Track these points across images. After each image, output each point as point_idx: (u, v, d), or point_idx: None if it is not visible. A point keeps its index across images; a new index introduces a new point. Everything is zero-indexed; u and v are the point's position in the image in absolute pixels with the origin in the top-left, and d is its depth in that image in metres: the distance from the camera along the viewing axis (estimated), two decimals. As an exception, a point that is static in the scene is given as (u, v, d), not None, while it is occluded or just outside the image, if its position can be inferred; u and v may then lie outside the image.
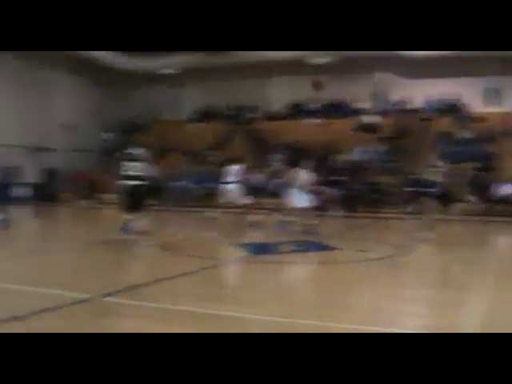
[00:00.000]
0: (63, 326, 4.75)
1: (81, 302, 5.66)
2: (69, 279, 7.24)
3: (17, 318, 4.80)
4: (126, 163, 11.57)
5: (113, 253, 9.81)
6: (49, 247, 11.02)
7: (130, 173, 11.51)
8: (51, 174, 28.20)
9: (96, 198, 26.23)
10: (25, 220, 19.14)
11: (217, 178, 15.62)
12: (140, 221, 11.51)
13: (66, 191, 27.73)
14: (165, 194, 24.00)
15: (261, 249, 10.64)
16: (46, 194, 26.45)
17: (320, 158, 22.32)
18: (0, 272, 7.71)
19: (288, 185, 13.64)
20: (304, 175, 13.19)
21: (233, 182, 14.30)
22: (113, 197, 24.07)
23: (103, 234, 12.72)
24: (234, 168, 14.40)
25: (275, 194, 17.97)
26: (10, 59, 26.68)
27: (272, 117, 30.83)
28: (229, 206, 15.03)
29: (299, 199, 12.98)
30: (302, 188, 13.03)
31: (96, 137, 30.74)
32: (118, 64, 31.43)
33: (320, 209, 16.21)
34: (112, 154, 30.16)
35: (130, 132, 30.31)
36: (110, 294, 5.99)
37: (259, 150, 27.78)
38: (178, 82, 32.69)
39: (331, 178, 22.05)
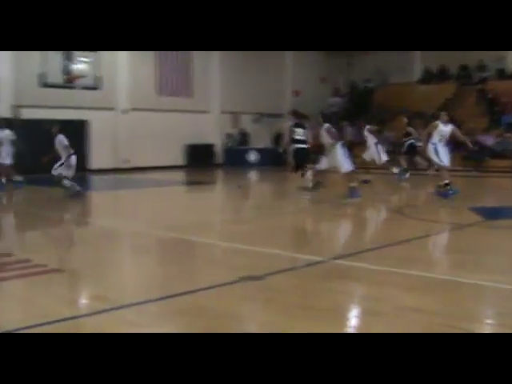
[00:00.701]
0: (298, 284, 5.32)
1: (315, 263, 6.19)
2: (303, 242, 7.87)
3: (253, 278, 5.43)
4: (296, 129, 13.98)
5: (343, 217, 10.30)
6: (279, 210, 11.79)
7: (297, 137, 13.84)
8: (280, 140, 29.47)
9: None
10: (257, 183, 20.47)
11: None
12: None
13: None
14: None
15: (494, 213, 10.29)
16: (275, 159, 27.74)
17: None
18: (238, 234, 8.54)
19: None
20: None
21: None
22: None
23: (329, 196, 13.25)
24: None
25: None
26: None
27: (507, 76, 29.08)
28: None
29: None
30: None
31: (323, 102, 31.39)
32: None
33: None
34: (339, 120, 30.78)
35: (359, 97, 30.54)
36: (341, 257, 6.44)
37: (491, 110, 26.53)
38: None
39: None
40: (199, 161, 26.47)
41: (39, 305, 4.69)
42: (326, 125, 12.81)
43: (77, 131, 23.10)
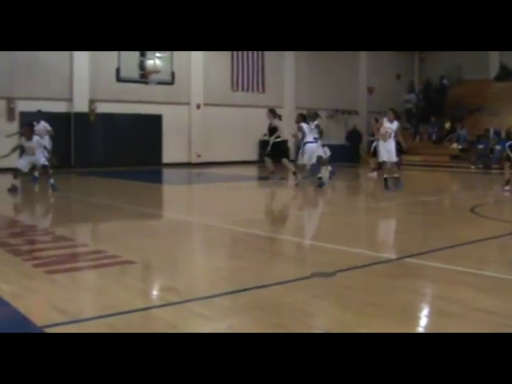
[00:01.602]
0: (369, 281, 5.24)
1: (386, 261, 6.08)
2: (374, 240, 7.76)
3: (324, 274, 5.38)
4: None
5: (415, 215, 10.12)
6: (352, 206, 11.70)
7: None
8: (354, 136, 29.20)
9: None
10: (330, 180, 20.31)
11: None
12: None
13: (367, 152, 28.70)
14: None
15: None
16: (349, 155, 27.52)
17: None
18: (310, 229, 8.51)
19: None
20: None
21: None
22: (417, 159, 24.42)
23: (405, 196, 13.05)
24: None
25: None
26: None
27: None
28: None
29: None
30: None
31: (398, 99, 30.90)
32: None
33: None
34: (413, 116, 30.22)
35: (436, 92, 29.94)
36: (412, 255, 6.31)
37: None
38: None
39: None
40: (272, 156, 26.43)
41: (111, 295, 4.77)
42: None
43: (151, 125, 23.58)
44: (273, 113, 15.93)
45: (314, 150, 14.65)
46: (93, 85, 22.04)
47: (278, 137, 15.60)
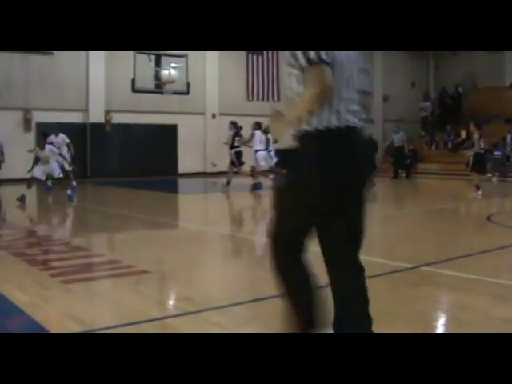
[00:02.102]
0: (385, 290, 5.21)
1: (402, 270, 6.05)
2: (390, 248, 7.72)
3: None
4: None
5: (431, 223, 10.06)
6: (371, 214, 11.64)
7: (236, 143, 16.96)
8: (370, 145, 29.13)
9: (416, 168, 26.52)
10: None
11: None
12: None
13: (384, 161, 28.62)
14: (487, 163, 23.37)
15: None
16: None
17: None
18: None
19: None
20: None
21: None
22: (432, 167, 24.31)
23: (426, 204, 13.01)
24: None
25: None
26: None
27: None
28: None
29: None
30: None
31: (414, 107, 30.80)
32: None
33: None
34: (429, 124, 30.10)
35: (451, 100, 29.84)
36: (429, 264, 6.26)
37: None
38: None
39: None
40: (289, 165, 26.46)
41: (127, 305, 4.77)
42: None
43: (166, 135, 23.67)
44: (233, 124, 17.50)
45: (262, 157, 16.19)
46: (108, 95, 22.19)
47: (237, 146, 17.08)
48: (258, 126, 16.59)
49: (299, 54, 2.91)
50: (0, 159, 18.68)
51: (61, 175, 13.41)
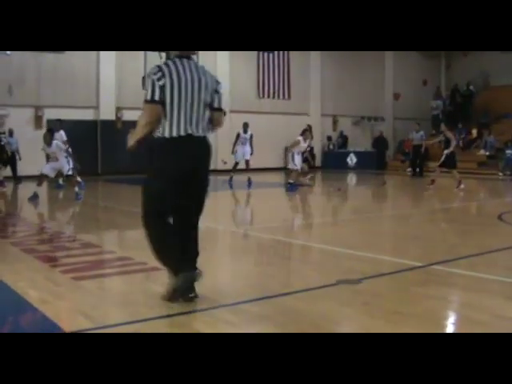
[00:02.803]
0: (395, 289, 5.21)
1: (413, 268, 6.03)
2: (400, 246, 7.71)
3: (350, 282, 5.36)
4: None
5: (442, 222, 10.03)
6: (379, 213, 11.64)
7: None
8: (380, 143, 29.10)
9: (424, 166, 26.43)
10: (357, 187, 20.27)
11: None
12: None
13: (394, 159, 28.59)
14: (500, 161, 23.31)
15: None
16: (375, 162, 27.41)
17: None
18: (337, 237, 8.47)
19: None
20: None
21: None
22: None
23: (435, 203, 12.97)
24: None
25: None
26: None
27: None
28: None
29: None
30: None
31: (425, 105, 30.66)
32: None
33: None
34: (440, 123, 29.97)
35: (462, 99, 29.70)
36: (440, 263, 6.25)
37: None
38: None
39: None
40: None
41: (138, 302, 4.79)
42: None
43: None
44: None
45: None
46: (119, 92, 22.24)
47: None
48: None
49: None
50: (17, 157, 18.78)
51: (70, 172, 13.44)
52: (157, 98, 4.34)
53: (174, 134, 4.38)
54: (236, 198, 15.53)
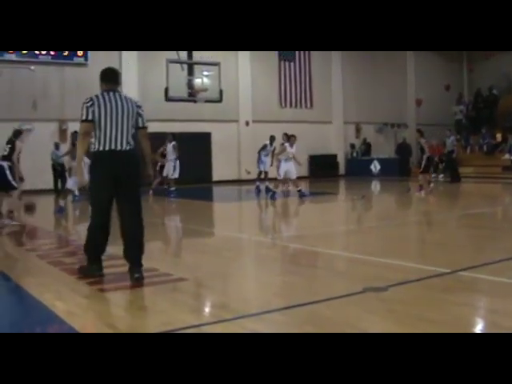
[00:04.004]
0: (421, 296, 5.15)
1: (439, 275, 5.97)
2: (426, 253, 7.64)
3: (377, 289, 5.32)
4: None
5: (467, 228, 9.93)
6: (403, 220, 11.55)
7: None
8: (404, 149, 28.95)
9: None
10: (381, 194, 20.14)
11: None
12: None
13: (418, 166, 28.38)
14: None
15: None
16: (399, 169, 27.26)
17: None
18: (362, 244, 8.42)
19: None
20: None
21: None
22: (468, 170, 23.97)
23: (459, 209, 12.84)
24: None
25: None
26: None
27: None
28: None
29: None
30: None
31: (448, 110, 30.45)
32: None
33: None
34: (463, 128, 29.72)
35: (485, 103, 29.45)
36: (466, 269, 6.18)
37: None
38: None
39: None
40: (322, 171, 26.57)
41: (163, 313, 4.80)
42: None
43: (200, 143, 23.78)
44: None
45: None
46: (142, 104, 22.29)
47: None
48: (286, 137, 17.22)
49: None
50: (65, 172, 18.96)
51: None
52: (89, 118, 5.69)
53: (101, 148, 5.66)
54: (260, 207, 15.52)
